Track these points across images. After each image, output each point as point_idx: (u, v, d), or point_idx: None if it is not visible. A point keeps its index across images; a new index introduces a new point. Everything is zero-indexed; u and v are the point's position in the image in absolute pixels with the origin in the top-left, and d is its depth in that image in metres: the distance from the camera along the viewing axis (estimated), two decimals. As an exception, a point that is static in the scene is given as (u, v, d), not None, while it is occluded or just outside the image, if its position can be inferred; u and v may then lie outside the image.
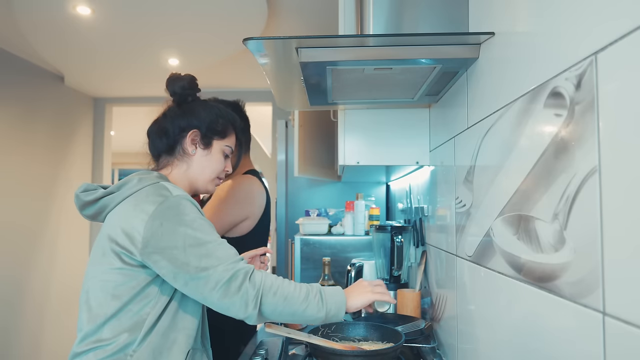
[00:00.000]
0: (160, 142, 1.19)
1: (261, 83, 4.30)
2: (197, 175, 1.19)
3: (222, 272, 0.97)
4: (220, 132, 1.22)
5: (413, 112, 1.60)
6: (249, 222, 1.73)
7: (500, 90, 0.90)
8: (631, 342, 0.49)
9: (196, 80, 1.24)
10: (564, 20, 0.65)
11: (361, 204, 2.13)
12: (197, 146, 1.19)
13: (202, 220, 1.03)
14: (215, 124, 1.20)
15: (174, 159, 1.19)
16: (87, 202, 1.08)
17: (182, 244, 0.98)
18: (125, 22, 2.90)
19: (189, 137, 1.18)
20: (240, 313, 0.99)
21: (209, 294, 0.98)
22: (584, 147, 0.58)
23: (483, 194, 0.99)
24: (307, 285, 1.05)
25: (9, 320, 3.46)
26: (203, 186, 1.22)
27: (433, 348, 1.37)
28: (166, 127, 1.18)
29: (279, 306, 1.00)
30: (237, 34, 3.04)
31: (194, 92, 1.23)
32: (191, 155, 1.18)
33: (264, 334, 1.64)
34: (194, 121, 1.18)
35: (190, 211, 1.02)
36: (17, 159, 3.54)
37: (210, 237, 1.01)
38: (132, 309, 1.01)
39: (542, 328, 0.70)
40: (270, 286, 1.00)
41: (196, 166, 1.19)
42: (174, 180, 1.18)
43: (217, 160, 1.21)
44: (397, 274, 1.62)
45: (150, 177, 1.09)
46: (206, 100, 1.25)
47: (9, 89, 3.47)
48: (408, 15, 1.12)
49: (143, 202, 1.02)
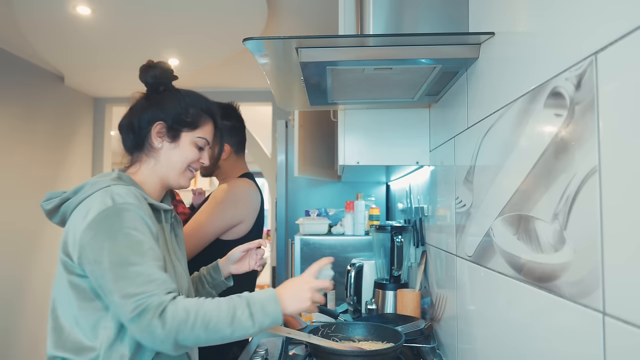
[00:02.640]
0: (128, 138, 1.11)
1: (261, 83, 4.29)
2: (166, 171, 1.11)
3: (134, 303, 0.88)
4: (190, 123, 1.12)
5: (413, 112, 1.60)
6: (245, 225, 1.72)
7: (500, 90, 0.90)
8: (631, 342, 0.49)
9: (171, 68, 1.15)
10: (564, 21, 0.65)
11: (361, 204, 2.13)
12: (163, 139, 1.10)
13: (140, 236, 0.93)
14: (184, 114, 1.11)
15: (142, 155, 1.11)
16: (49, 211, 1.03)
17: (106, 260, 0.90)
18: (125, 22, 2.90)
19: (154, 130, 1.09)
20: (157, 347, 0.92)
21: (126, 323, 0.90)
22: (584, 147, 0.58)
23: (483, 194, 0.99)
24: (234, 302, 0.95)
25: (9, 320, 3.46)
26: (175, 181, 1.13)
27: (433, 348, 1.37)
28: (132, 121, 1.11)
29: (202, 337, 0.91)
30: (237, 34, 3.04)
31: (166, 82, 1.14)
32: (158, 150, 1.10)
33: (264, 334, 1.64)
34: (159, 113, 1.10)
35: (128, 224, 0.93)
36: (17, 159, 3.54)
37: (138, 258, 0.91)
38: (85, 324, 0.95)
39: (542, 328, 0.70)
40: (185, 319, 0.89)
41: (164, 161, 1.11)
42: (143, 177, 1.10)
43: (187, 152, 1.12)
44: (397, 274, 1.62)
45: (104, 180, 1.01)
46: (178, 90, 1.15)
47: (9, 89, 3.47)
48: (408, 15, 1.12)
49: (87, 209, 0.95)
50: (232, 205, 1.69)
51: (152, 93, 1.13)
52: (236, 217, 1.69)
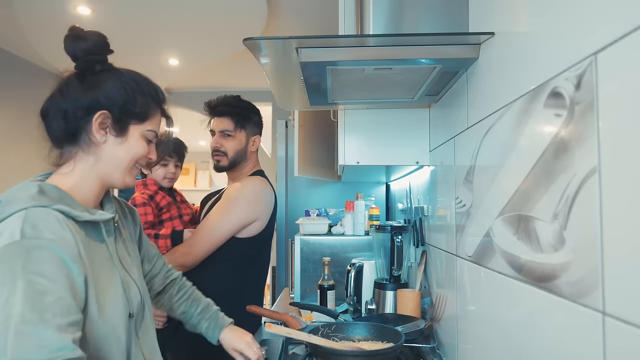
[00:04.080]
0: (58, 127, 0.90)
1: (261, 83, 4.29)
2: (110, 170, 0.93)
3: None
4: (139, 115, 0.93)
5: (413, 112, 1.60)
6: (259, 223, 1.75)
7: (500, 90, 0.90)
8: (631, 342, 0.49)
9: (106, 40, 0.93)
10: (564, 21, 0.65)
11: (361, 204, 2.13)
12: (107, 132, 0.91)
13: (44, 285, 0.73)
14: (132, 103, 0.92)
15: (77, 150, 0.91)
16: None
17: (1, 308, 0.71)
18: (125, 22, 2.90)
19: (95, 120, 0.89)
20: None
21: None
22: (584, 147, 0.58)
23: (483, 194, 0.99)
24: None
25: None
26: (120, 181, 0.94)
27: (433, 348, 1.37)
28: (64, 107, 0.90)
29: None
30: (237, 34, 3.05)
31: (102, 58, 0.93)
32: (100, 144, 0.91)
33: (265, 333, 1.64)
34: (101, 99, 0.89)
35: (36, 267, 0.73)
36: (17, 160, 3.54)
37: (33, 314, 0.71)
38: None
39: (542, 328, 0.70)
40: None
41: (108, 158, 0.92)
42: (77, 180, 0.91)
43: (136, 147, 0.94)
44: (397, 274, 1.62)
45: (22, 197, 0.81)
46: (119, 70, 0.95)
47: (9, 89, 3.47)
48: (408, 16, 1.12)
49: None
50: (246, 204, 1.71)
51: (86, 72, 0.91)
52: (250, 215, 1.72)
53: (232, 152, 1.80)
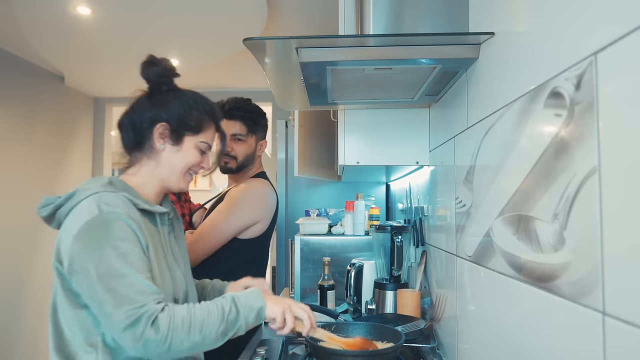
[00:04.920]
0: (128, 137, 1.09)
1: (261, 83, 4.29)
2: (167, 174, 1.09)
3: (126, 313, 0.88)
4: (194, 127, 1.09)
5: (413, 112, 1.60)
6: (261, 225, 1.76)
7: (500, 90, 0.90)
8: (631, 342, 0.49)
9: (173, 66, 1.13)
10: (564, 21, 0.65)
11: (361, 204, 2.12)
12: (165, 141, 1.07)
13: (127, 247, 0.93)
14: (188, 117, 1.08)
15: (142, 156, 1.09)
16: (45, 218, 1.03)
17: (95, 272, 0.89)
18: (125, 22, 2.90)
19: (156, 131, 1.06)
20: (150, 356, 0.92)
21: (118, 334, 0.90)
22: (584, 147, 0.58)
23: (483, 194, 0.99)
24: (220, 302, 0.97)
25: (9, 320, 3.46)
26: (175, 185, 1.11)
27: (433, 348, 1.37)
28: (133, 119, 1.08)
29: (196, 340, 0.92)
30: (237, 34, 3.04)
31: (169, 80, 1.10)
32: (160, 152, 1.08)
33: (265, 333, 1.64)
34: (162, 114, 1.07)
35: (116, 233, 0.92)
36: (18, 160, 3.54)
37: (126, 269, 0.90)
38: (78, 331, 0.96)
39: (542, 328, 0.70)
40: (180, 325, 0.91)
41: (166, 164, 1.08)
42: (142, 180, 1.08)
43: (189, 156, 1.10)
44: (397, 274, 1.62)
45: (94, 186, 0.99)
46: (182, 90, 1.12)
47: (9, 89, 3.47)
48: (408, 16, 1.12)
49: (76, 217, 0.94)
50: (249, 206, 1.72)
51: (154, 92, 1.10)
52: (253, 217, 1.73)
53: (242, 157, 1.80)
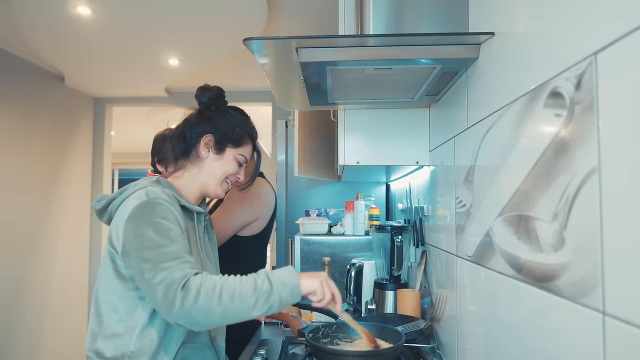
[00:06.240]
0: (178, 146, 1.25)
1: (261, 83, 4.29)
2: (207, 179, 1.24)
3: (161, 277, 0.96)
4: (235, 141, 1.26)
5: (413, 112, 1.60)
6: (260, 222, 1.82)
7: (500, 90, 0.90)
8: (631, 342, 0.49)
9: (223, 92, 1.31)
10: (564, 21, 0.65)
11: (361, 204, 2.13)
12: (210, 150, 1.24)
13: (169, 225, 1.04)
14: (231, 132, 1.25)
15: (187, 162, 1.24)
16: (99, 211, 1.16)
17: (140, 245, 1.00)
18: (125, 22, 2.90)
19: (202, 141, 1.23)
20: (183, 321, 0.95)
21: (155, 299, 0.96)
22: (584, 147, 0.58)
23: (483, 194, 0.99)
24: (253, 276, 1.00)
25: (9, 320, 3.45)
26: (213, 190, 1.25)
27: (433, 348, 1.37)
28: (185, 132, 1.25)
29: (228, 307, 0.95)
30: (237, 34, 3.04)
31: (218, 103, 1.29)
32: (204, 159, 1.23)
33: (265, 333, 1.64)
34: (210, 128, 1.24)
35: (159, 213, 1.04)
36: (18, 159, 3.54)
37: (166, 241, 1.00)
38: (122, 310, 1.06)
39: (542, 328, 0.70)
40: (212, 289, 0.95)
41: (207, 170, 1.24)
42: (184, 183, 1.23)
43: (228, 165, 1.25)
44: (397, 274, 1.62)
45: (143, 182, 1.14)
46: (228, 111, 1.31)
47: (9, 89, 3.47)
48: (408, 15, 1.12)
49: (127, 205, 1.07)
50: (248, 204, 1.78)
51: (204, 110, 1.28)
52: (252, 215, 1.79)
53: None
